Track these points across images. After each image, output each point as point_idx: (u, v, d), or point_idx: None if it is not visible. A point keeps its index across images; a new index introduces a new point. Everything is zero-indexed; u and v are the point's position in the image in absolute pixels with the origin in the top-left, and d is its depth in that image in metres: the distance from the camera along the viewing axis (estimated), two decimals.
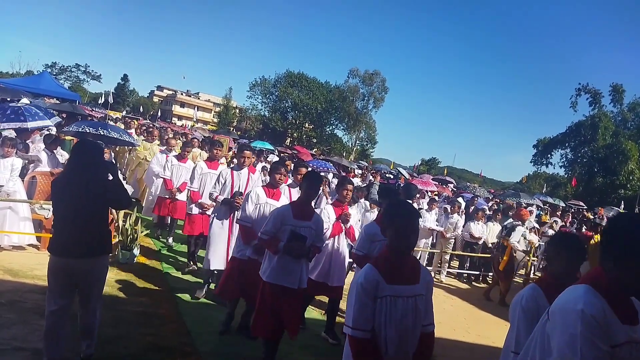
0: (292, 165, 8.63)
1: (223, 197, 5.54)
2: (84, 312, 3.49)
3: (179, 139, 14.37)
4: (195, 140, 13.32)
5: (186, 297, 5.58)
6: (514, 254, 8.31)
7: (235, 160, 7.04)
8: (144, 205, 9.33)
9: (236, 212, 5.34)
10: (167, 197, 7.97)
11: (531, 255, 9.69)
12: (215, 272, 5.62)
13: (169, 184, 7.94)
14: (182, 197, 7.90)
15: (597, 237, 9.74)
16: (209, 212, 6.25)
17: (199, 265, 6.57)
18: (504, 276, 8.31)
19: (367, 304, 2.32)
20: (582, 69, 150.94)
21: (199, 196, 6.41)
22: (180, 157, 8.19)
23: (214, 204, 5.80)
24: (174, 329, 4.58)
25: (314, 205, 5.26)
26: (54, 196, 3.43)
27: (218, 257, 5.45)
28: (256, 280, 4.13)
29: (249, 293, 4.50)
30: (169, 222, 8.37)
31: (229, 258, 5.10)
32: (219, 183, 5.60)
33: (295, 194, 5.76)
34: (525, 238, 8.61)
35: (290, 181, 6.19)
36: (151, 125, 20.41)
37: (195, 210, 6.56)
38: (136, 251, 6.49)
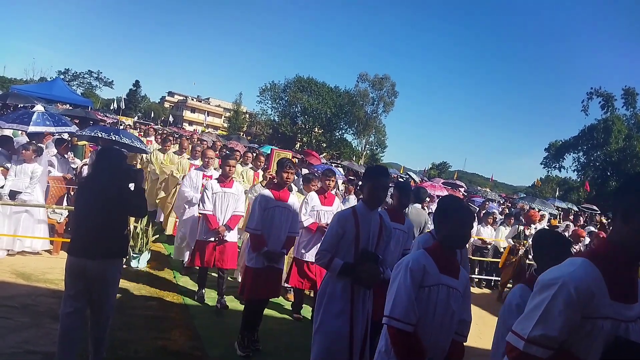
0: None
1: (342, 262, 3.14)
2: (95, 323, 3.47)
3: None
4: (238, 152, 10.47)
5: (196, 301, 5.58)
6: (521, 255, 8.35)
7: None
8: (174, 244, 6.85)
9: (362, 287, 3.20)
10: (212, 239, 5.40)
11: None
12: None
13: (212, 222, 5.38)
14: (231, 237, 5.51)
15: None
16: (279, 265, 4.57)
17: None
18: (508, 276, 8.33)
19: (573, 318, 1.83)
20: (594, 72, 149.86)
21: (264, 242, 4.39)
22: (224, 180, 5.52)
23: (284, 252, 4.44)
24: (184, 333, 4.59)
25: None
26: (75, 200, 3.60)
27: None
28: None
29: None
30: (218, 274, 5.62)
31: None
32: (331, 235, 3.20)
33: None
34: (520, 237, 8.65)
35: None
36: (164, 131, 20.12)
37: (259, 262, 4.41)
38: (147, 256, 6.53)
